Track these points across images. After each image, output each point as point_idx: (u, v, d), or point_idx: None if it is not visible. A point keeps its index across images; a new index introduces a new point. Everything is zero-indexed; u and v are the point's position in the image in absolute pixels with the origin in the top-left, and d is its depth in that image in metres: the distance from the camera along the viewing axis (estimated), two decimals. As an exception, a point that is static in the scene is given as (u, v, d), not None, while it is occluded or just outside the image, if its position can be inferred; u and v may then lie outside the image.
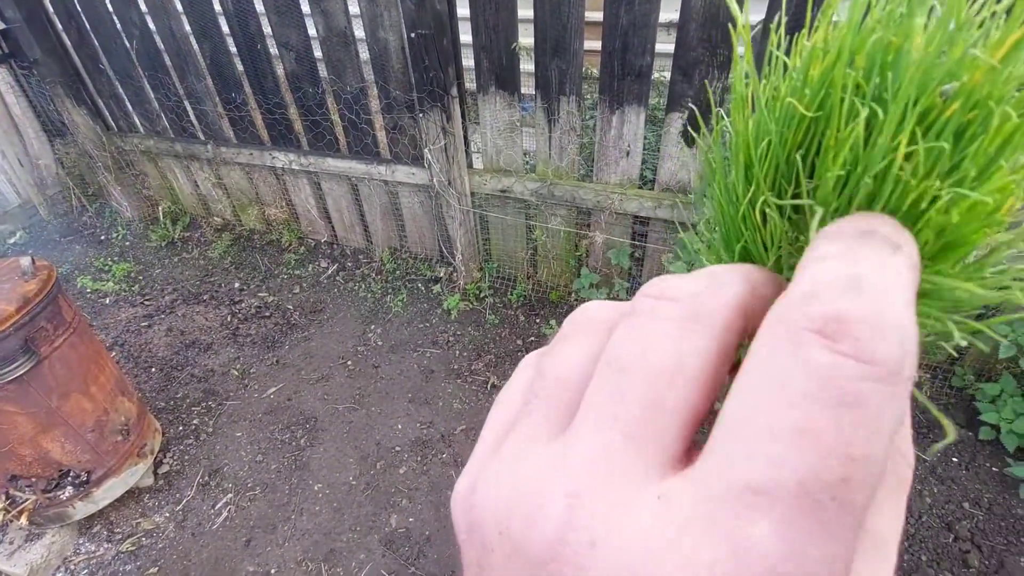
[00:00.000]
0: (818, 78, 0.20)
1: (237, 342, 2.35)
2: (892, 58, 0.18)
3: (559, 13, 1.67)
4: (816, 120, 0.20)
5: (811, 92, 0.20)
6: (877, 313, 0.14)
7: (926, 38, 0.18)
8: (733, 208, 0.24)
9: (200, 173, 2.91)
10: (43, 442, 1.47)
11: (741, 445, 0.14)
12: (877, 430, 0.13)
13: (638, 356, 0.17)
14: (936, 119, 0.18)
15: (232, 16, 2.22)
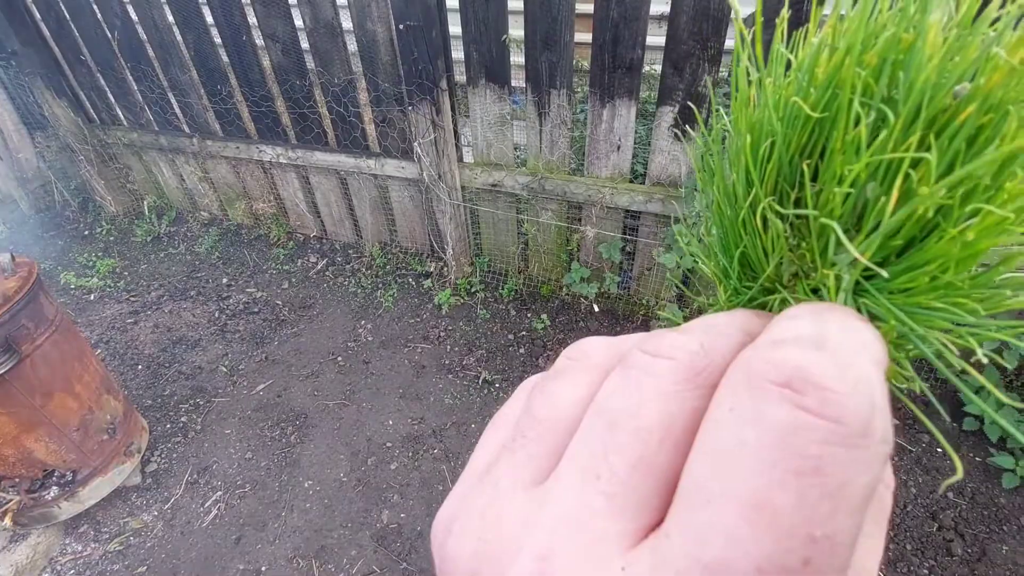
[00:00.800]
0: (825, 77, 0.19)
1: (225, 338, 2.32)
2: (904, 56, 0.18)
3: (549, 6, 1.65)
4: (822, 121, 0.19)
5: (817, 92, 0.19)
6: (846, 367, 0.13)
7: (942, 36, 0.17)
8: (733, 212, 0.23)
9: (186, 167, 2.86)
10: (26, 442, 1.45)
11: (700, 514, 0.13)
12: (844, 503, 0.12)
13: (629, 414, 0.16)
14: (948, 123, 0.17)
15: (216, 6, 2.18)
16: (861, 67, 0.18)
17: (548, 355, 2.15)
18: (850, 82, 0.18)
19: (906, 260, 0.19)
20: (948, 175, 0.17)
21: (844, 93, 0.18)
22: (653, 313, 2.13)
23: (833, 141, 0.19)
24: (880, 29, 0.18)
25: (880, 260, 0.19)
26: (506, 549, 0.15)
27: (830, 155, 0.19)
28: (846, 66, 0.18)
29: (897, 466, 1.70)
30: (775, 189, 0.21)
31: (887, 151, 0.17)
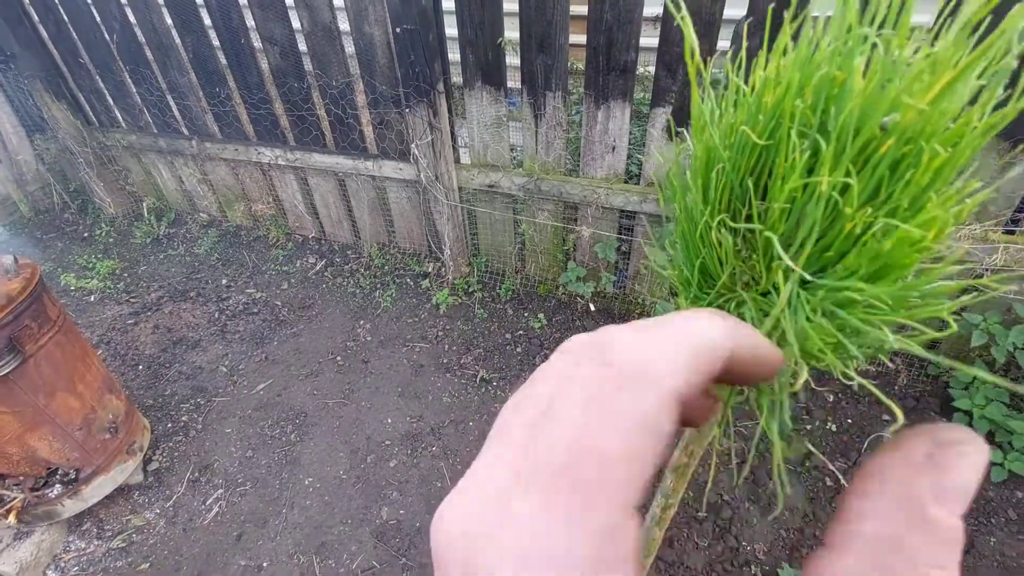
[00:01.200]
0: (770, 108, 0.22)
1: (225, 339, 2.34)
2: (837, 92, 0.20)
3: (544, 9, 1.68)
4: (768, 147, 0.22)
5: (764, 120, 0.22)
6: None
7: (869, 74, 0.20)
8: (692, 227, 0.25)
9: (185, 169, 2.88)
10: (30, 440, 1.47)
11: None
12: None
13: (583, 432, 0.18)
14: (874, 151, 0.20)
15: (215, 9, 2.20)
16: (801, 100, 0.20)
17: (545, 353, 2.17)
18: (790, 113, 0.20)
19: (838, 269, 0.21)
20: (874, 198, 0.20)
21: (785, 123, 0.21)
22: (649, 311, 2.16)
23: (776, 166, 0.21)
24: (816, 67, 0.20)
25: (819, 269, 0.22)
26: (483, 548, 0.17)
27: (774, 178, 0.21)
28: (787, 99, 0.21)
29: (888, 460, 1.73)
30: (728, 206, 0.23)
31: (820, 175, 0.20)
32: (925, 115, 0.19)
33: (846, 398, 1.92)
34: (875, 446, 1.77)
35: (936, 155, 0.19)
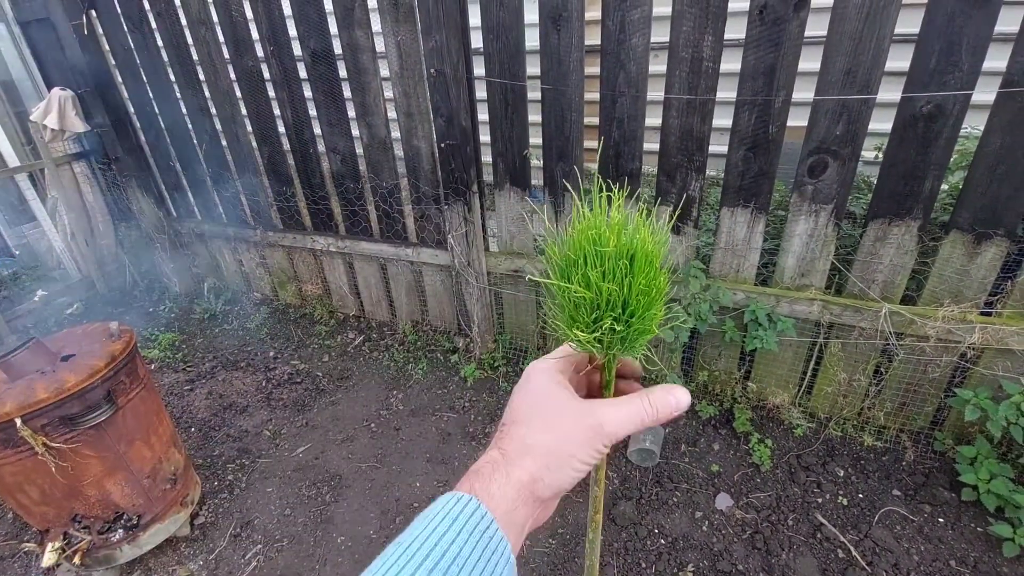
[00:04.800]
0: (573, 248, 0.46)
1: (270, 405, 2.55)
2: (599, 242, 0.44)
3: (563, 128, 2.05)
4: (574, 269, 0.46)
5: (571, 253, 0.46)
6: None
7: (616, 236, 0.44)
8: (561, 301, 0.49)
9: (246, 254, 3.27)
10: (107, 484, 1.66)
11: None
12: None
13: None
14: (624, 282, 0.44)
15: (291, 126, 2.67)
16: (590, 244, 0.44)
17: (564, 425, 2.31)
18: (582, 252, 0.44)
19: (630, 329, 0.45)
20: (629, 300, 0.43)
21: (579, 258, 0.45)
22: (659, 379, 2.31)
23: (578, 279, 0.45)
24: (591, 229, 0.45)
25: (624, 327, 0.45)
26: None
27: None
28: (580, 244, 0.45)
29: (899, 535, 1.77)
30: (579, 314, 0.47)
31: (593, 290, 0.43)
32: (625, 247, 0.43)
33: (856, 473, 1.99)
34: (885, 519, 1.82)
35: (649, 293, 0.43)
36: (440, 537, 0.36)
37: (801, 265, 1.95)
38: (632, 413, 0.44)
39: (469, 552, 0.36)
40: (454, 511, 0.38)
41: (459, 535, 0.36)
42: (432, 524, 0.37)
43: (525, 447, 0.43)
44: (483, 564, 0.36)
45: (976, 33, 1.44)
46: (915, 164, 1.66)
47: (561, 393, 0.46)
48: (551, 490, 0.43)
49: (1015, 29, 1.44)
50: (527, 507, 0.42)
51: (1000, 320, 1.76)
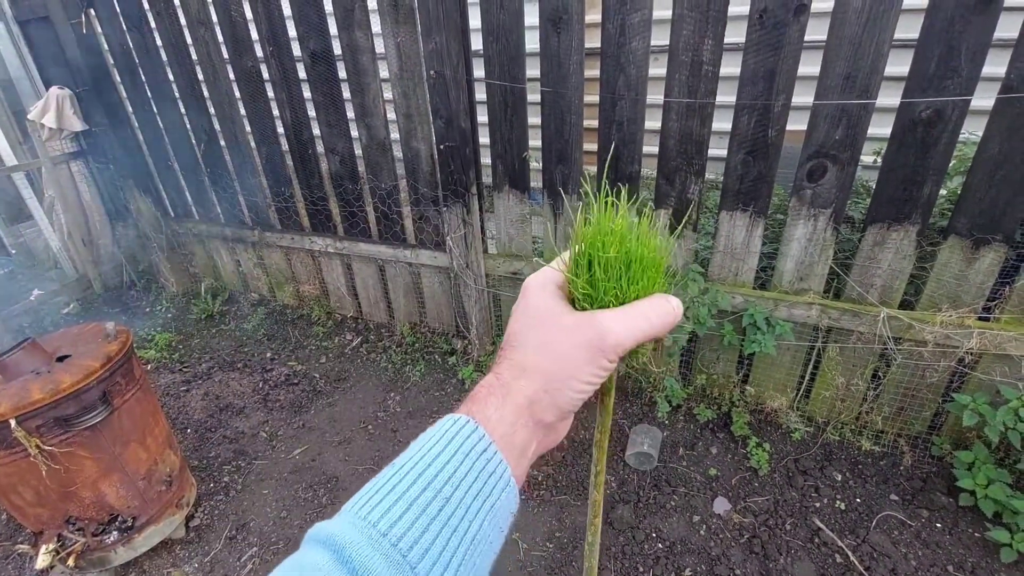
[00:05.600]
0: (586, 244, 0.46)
1: (267, 406, 2.54)
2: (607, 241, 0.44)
3: (562, 131, 2.05)
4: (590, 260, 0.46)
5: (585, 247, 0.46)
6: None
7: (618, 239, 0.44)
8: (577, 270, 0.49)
9: (244, 254, 3.26)
10: (102, 486, 1.65)
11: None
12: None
13: None
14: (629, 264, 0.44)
15: (290, 127, 2.66)
16: (601, 240, 0.44)
17: (562, 427, 2.31)
18: (595, 245, 0.44)
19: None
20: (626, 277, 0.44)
21: (593, 250, 0.44)
22: (659, 388, 2.31)
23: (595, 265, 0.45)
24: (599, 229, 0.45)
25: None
26: None
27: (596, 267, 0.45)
28: (592, 242, 0.44)
29: (897, 540, 1.77)
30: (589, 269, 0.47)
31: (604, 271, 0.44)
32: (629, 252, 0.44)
33: (854, 477, 1.99)
34: (883, 524, 1.82)
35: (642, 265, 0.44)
36: (435, 458, 0.35)
37: (800, 269, 1.95)
38: (633, 319, 0.42)
39: (465, 472, 0.35)
40: (449, 432, 0.37)
41: (454, 456, 0.35)
42: (427, 446, 0.36)
43: (522, 369, 0.41)
44: (480, 484, 0.35)
45: (975, 39, 1.45)
46: (914, 169, 1.66)
47: (557, 307, 0.43)
48: (553, 413, 0.41)
49: (1014, 35, 1.44)
50: (527, 430, 0.40)
51: (998, 325, 1.76)
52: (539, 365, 0.41)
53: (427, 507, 0.33)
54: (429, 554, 0.32)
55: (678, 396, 2.26)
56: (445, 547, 0.33)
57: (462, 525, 0.34)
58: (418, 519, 0.32)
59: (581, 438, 2.25)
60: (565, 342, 0.41)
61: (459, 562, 0.33)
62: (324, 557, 0.31)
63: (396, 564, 0.31)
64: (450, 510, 0.34)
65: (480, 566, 0.35)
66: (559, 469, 2.12)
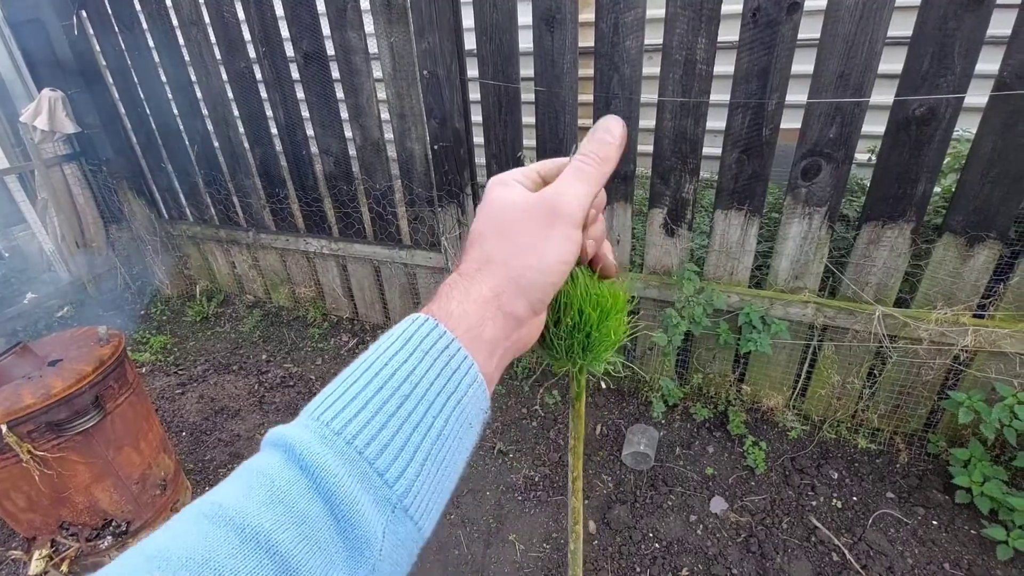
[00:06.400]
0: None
1: (263, 409, 2.53)
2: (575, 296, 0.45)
3: (556, 129, 2.04)
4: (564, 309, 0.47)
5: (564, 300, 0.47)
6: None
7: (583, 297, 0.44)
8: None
9: (239, 256, 3.25)
10: (95, 491, 1.63)
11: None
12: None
13: None
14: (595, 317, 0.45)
15: (283, 128, 2.65)
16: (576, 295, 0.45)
17: (559, 428, 2.30)
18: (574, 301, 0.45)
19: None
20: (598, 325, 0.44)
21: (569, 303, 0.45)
22: (654, 387, 2.31)
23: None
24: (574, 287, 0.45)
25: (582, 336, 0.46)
26: None
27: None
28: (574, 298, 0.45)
29: (894, 538, 1.77)
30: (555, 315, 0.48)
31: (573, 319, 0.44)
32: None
33: (850, 475, 1.99)
34: (879, 522, 1.82)
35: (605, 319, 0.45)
36: (391, 357, 0.34)
37: (795, 268, 1.95)
38: (579, 171, 0.40)
39: (425, 370, 0.33)
40: (408, 331, 0.35)
41: (413, 354, 0.34)
42: (383, 346, 0.35)
43: (484, 262, 0.39)
44: (443, 381, 0.34)
45: (968, 36, 1.45)
46: (908, 167, 1.66)
47: (516, 194, 0.40)
48: (523, 304, 0.39)
49: (1007, 32, 1.44)
50: (496, 324, 0.38)
51: (993, 323, 1.76)
52: (501, 254, 0.38)
53: (384, 405, 0.32)
54: (389, 449, 0.31)
55: (674, 395, 2.26)
56: (407, 442, 0.31)
57: (424, 421, 0.32)
58: (375, 416, 0.31)
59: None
60: (524, 226, 0.39)
61: (424, 457, 0.32)
62: (275, 458, 0.30)
63: (351, 460, 0.30)
64: (410, 407, 0.32)
65: (450, 462, 0.34)
66: (555, 470, 2.11)
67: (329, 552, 0.28)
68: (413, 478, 0.31)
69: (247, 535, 0.26)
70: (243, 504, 0.28)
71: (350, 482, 0.29)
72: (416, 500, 0.32)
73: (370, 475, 0.30)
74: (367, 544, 0.29)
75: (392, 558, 0.31)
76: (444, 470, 0.34)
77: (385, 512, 0.30)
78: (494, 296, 0.38)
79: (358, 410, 0.31)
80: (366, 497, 0.29)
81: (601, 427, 2.29)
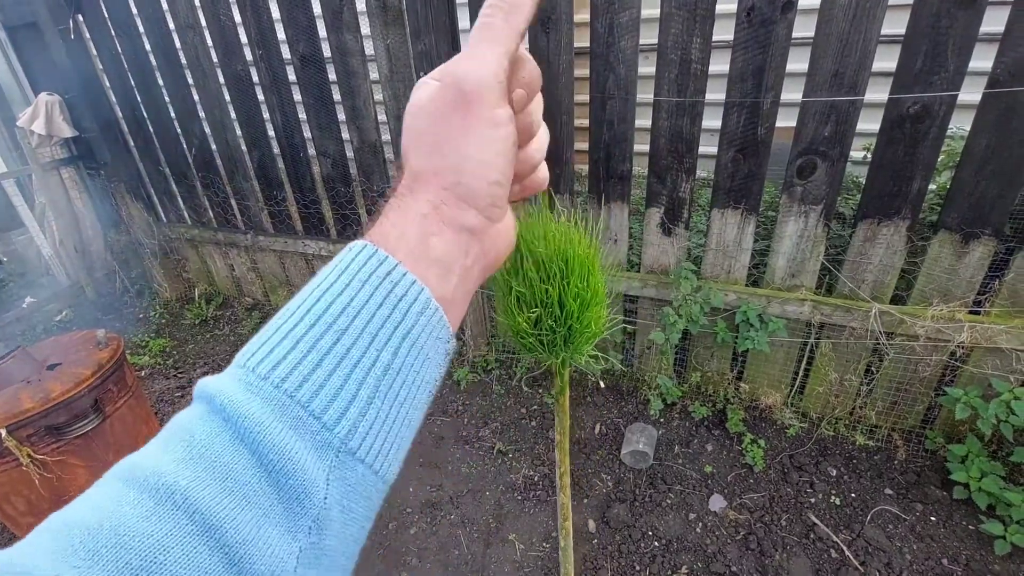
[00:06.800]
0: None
1: (262, 411, 2.53)
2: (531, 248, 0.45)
3: (553, 132, 2.04)
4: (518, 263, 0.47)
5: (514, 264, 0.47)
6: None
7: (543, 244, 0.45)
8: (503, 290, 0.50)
9: (237, 258, 3.25)
10: (95, 495, 1.63)
11: None
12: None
13: None
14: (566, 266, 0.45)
15: (280, 130, 2.65)
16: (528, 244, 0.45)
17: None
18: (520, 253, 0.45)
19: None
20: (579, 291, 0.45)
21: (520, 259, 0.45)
22: (653, 386, 2.31)
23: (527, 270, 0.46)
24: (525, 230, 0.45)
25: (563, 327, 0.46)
26: None
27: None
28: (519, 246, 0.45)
29: (892, 534, 1.78)
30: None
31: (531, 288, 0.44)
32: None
33: (848, 472, 2.00)
34: (878, 519, 1.83)
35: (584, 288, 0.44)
36: (325, 291, 0.30)
37: (792, 266, 1.96)
38: (475, 36, 0.34)
39: (365, 300, 0.30)
40: (343, 261, 0.32)
41: (350, 284, 0.30)
42: (317, 281, 0.32)
43: (414, 177, 0.34)
44: (387, 310, 0.30)
45: (961, 34, 1.45)
46: (903, 164, 1.67)
47: (424, 93, 0.35)
48: (469, 212, 0.34)
49: (1000, 29, 1.45)
50: (445, 240, 0.34)
51: (989, 319, 1.77)
52: (428, 165, 0.34)
53: (317, 342, 0.29)
54: (325, 389, 0.28)
55: (673, 394, 2.26)
56: (347, 380, 0.28)
57: (367, 356, 0.29)
58: (307, 356, 0.28)
59: (578, 438, 2.25)
60: (438, 126, 0.34)
61: (369, 394, 0.29)
62: (197, 411, 0.28)
63: (280, 405, 0.27)
64: (348, 341, 0.29)
65: (406, 398, 0.31)
66: (555, 469, 2.12)
67: (261, 505, 0.26)
68: (358, 417, 0.29)
69: (162, 495, 0.25)
70: (159, 463, 0.26)
71: (279, 428, 0.27)
72: (366, 441, 0.29)
73: (304, 419, 0.27)
74: (306, 494, 0.27)
75: (342, 505, 0.28)
76: (399, 407, 0.31)
77: (327, 457, 0.28)
78: (433, 209, 0.33)
79: (287, 351, 0.28)
80: (300, 443, 0.27)
81: (600, 426, 2.29)
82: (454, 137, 0.33)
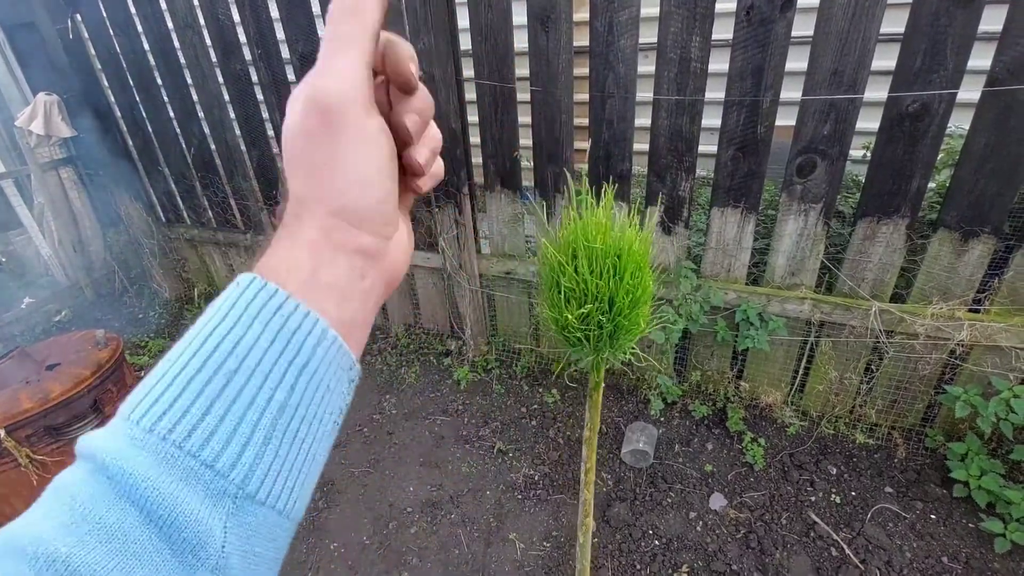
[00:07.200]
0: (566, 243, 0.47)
1: (262, 411, 2.53)
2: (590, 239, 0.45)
3: (552, 130, 2.05)
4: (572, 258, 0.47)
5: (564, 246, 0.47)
6: None
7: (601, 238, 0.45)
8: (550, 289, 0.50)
9: (237, 258, 3.24)
10: (95, 495, 1.63)
11: None
12: None
13: None
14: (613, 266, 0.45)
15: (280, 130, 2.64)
16: (581, 241, 0.45)
17: (558, 427, 2.31)
18: (571, 249, 0.45)
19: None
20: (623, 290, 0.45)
21: (570, 255, 0.46)
22: (653, 385, 2.31)
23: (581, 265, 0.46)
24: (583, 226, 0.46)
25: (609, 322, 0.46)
26: None
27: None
28: (569, 243, 0.46)
29: (892, 532, 1.78)
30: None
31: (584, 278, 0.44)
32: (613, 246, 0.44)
33: (848, 470, 2.00)
34: (878, 517, 1.83)
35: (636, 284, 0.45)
36: (212, 330, 0.29)
37: (791, 264, 1.96)
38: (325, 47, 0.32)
39: (255, 339, 0.29)
40: (231, 297, 0.30)
41: (237, 323, 0.29)
42: (204, 319, 0.30)
43: (299, 202, 0.32)
44: (279, 346, 0.29)
45: (960, 32, 1.45)
46: (902, 163, 1.67)
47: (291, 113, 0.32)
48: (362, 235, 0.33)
49: (999, 28, 1.45)
50: (338, 266, 0.32)
51: (988, 317, 1.77)
52: (309, 190, 0.32)
53: (205, 387, 0.27)
54: (216, 436, 0.27)
55: (673, 393, 2.26)
56: (239, 424, 0.27)
57: (261, 396, 0.28)
58: (195, 402, 0.27)
59: (576, 436, 2.25)
60: (310, 148, 0.32)
61: (265, 436, 0.28)
62: (80, 471, 0.27)
63: (169, 458, 0.26)
64: (240, 382, 0.28)
65: (308, 434, 0.30)
66: (555, 468, 2.12)
67: (152, 562, 0.25)
68: (254, 461, 0.28)
69: (42, 564, 0.23)
70: (40, 530, 0.25)
71: (168, 482, 0.26)
72: (265, 483, 0.28)
73: (196, 469, 0.26)
74: (201, 545, 0.26)
75: (243, 550, 0.28)
76: (300, 444, 0.30)
77: (223, 504, 0.27)
78: (324, 235, 0.32)
79: (173, 398, 0.27)
80: (192, 494, 0.26)
81: (600, 425, 2.29)
82: (328, 160, 0.32)
